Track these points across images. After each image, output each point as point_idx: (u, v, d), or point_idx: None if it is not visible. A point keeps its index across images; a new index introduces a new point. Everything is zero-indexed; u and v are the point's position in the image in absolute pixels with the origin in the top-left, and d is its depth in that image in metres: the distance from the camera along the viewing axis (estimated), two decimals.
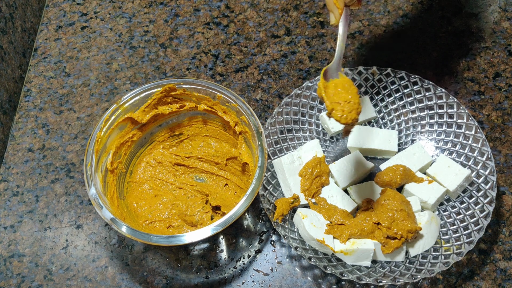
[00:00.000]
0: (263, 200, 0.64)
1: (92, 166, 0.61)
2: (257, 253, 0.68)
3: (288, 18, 0.87)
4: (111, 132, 0.65)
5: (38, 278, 0.67)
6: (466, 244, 0.61)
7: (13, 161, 0.75)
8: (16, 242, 0.69)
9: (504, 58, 0.81)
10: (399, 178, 0.67)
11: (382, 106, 0.75)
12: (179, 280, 0.66)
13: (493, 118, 0.76)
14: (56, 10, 0.90)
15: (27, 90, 0.82)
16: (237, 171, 0.71)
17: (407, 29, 0.85)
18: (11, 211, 0.71)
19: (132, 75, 0.82)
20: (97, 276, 0.67)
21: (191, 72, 0.83)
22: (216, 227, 0.56)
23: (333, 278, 0.65)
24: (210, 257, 0.67)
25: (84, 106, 0.80)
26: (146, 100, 0.67)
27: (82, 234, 0.70)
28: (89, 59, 0.84)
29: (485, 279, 0.65)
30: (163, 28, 0.87)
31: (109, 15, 0.89)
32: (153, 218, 0.68)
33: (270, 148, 0.70)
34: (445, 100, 0.71)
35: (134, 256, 0.68)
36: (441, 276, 0.65)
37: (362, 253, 0.62)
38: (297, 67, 0.82)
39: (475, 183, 0.66)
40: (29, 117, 0.79)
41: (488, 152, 0.66)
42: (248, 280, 0.66)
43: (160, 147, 0.73)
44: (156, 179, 0.72)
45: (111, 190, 0.64)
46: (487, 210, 0.63)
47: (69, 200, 0.72)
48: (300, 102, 0.73)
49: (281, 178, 0.69)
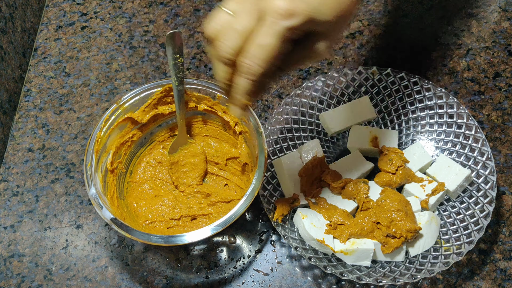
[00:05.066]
0: (263, 200, 0.64)
1: (92, 166, 0.61)
2: (257, 253, 0.68)
3: None
4: (111, 132, 0.65)
5: (38, 278, 0.67)
6: (466, 244, 0.61)
7: (13, 161, 0.75)
8: (16, 242, 0.69)
9: (504, 58, 0.81)
10: (399, 178, 0.67)
11: (382, 106, 0.75)
12: (179, 280, 0.66)
13: (493, 118, 0.76)
14: (56, 10, 0.90)
15: (27, 90, 0.82)
16: (237, 171, 0.71)
17: (407, 29, 0.85)
18: (11, 211, 0.71)
19: (132, 75, 0.82)
20: (97, 276, 0.67)
21: (191, 72, 0.83)
22: (216, 227, 0.56)
23: (333, 278, 0.65)
24: (210, 257, 0.67)
25: (84, 106, 0.80)
26: (146, 100, 0.67)
27: (82, 234, 0.70)
28: (89, 59, 0.84)
29: (485, 279, 0.65)
30: (163, 28, 0.87)
31: (109, 15, 0.89)
32: (153, 218, 0.68)
33: (270, 148, 0.70)
34: (445, 100, 0.71)
35: (134, 256, 0.68)
36: (441, 276, 0.65)
37: (362, 253, 0.62)
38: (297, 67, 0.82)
39: (475, 183, 0.66)
40: (29, 117, 0.79)
41: (488, 152, 0.66)
42: (248, 280, 0.66)
43: (160, 147, 0.73)
44: (156, 179, 0.72)
45: (111, 190, 0.64)
46: (487, 210, 0.63)
47: (69, 200, 0.72)
48: (300, 102, 0.73)
49: (281, 178, 0.69)
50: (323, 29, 0.46)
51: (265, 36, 0.43)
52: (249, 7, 0.44)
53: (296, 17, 0.43)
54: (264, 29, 0.43)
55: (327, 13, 0.45)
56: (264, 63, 0.44)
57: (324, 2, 0.44)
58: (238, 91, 0.47)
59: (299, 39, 0.46)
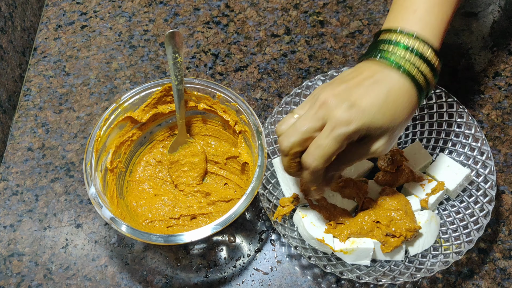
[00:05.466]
0: (263, 199, 0.64)
1: (91, 165, 0.61)
2: (257, 252, 0.68)
3: (288, 17, 0.87)
4: (111, 131, 0.65)
5: (38, 277, 0.67)
6: (465, 243, 0.61)
7: (12, 160, 0.75)
8: (15, 241, 0.69)
9: (504, 57, 0.81)
10: (399, 177, 0.67)
11: None
12: (178, 279, 0.66)
13: (492, 117, 0.76)
14: (56, 9, 0.90)
15: (27, 89, 0.82)
16: (236, 170, 0.71)
17: None
18: (10, 210, 0.71)
19: (131, 74, 0.82)
20: (96, 275, 0.67)
21: (191, 71, 0.83)
22: (215, 226, 0.56)
23: (332, 277, 0.65)
24: (210, 256, 0.67)
25: (83, 105, 0.80)
26: (146, 99, 0.67)
27: (81, 233, 0.70)
28: (89, 58, 0.84)
29: (485, 278, 0.65)
30: (163, 27, 0.87)
31: (108, 14, 0.89)
32: (153, 218, 0.68)
33: (270, 147, 0.70)
34: (444, 99, 0.71)
35: (134, 255, 0.68)
36: (440, 275, 0.65)
37: (362, 252, 0.62)
38: (297, 66, 0.82)
39: (475, 182, 0.66)
40: (28, 116, 0.79)
41: (488, 151, 0.66)
42: (247, 279, 0.66)
43: (160, 146, 0.73)
44: (155, 178, 0.72)
45: (111, 189, 0.64)
46: (486, 209, 0.63)
47: (69, 199, 0.72)
48: (299, 101, 0.73)
49: (281, 177, 0.69)
50: (379, 133, 0.52)
51: (324, 139, 0.50)
52: (312, 113, 0.51)
53: (353, 124, 0.50)
54: (324, 133, 0.50)
55: (383, 120, 0.51)
56: (322, 161, 0.51)
57: (380, 111, 0.50)
58: (304, 181, 0.56)
59: (357, 139, 0.52)
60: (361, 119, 0.50)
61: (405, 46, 0.52)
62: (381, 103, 0.50)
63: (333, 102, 0.50)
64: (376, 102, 0.50)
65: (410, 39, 0.52)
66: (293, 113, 0.54)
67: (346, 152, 0.53)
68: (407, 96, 0.52)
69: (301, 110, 0.54)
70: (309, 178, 0.54)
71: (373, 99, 0.50)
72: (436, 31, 0.54)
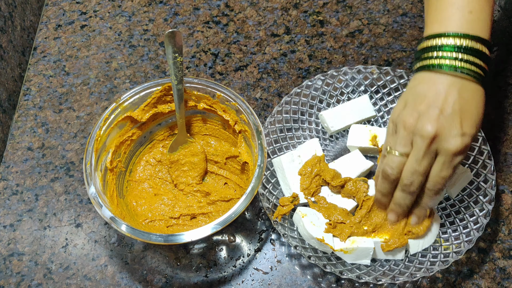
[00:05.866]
0: (263, 199, 0.64)
1: (91, 165, 0.61)
2: (257, 251, 0.68)
3: (288, 17, 0.87)
4: (111, 131, 0.65)
5: (38, 277, 0.67)
6: (465, 243, 0.61)
7: (12, 160, 0.75)
8: (15, 241, 0.69)
9: (504, 57, 0.81)
10: None
11: (381, 105, 0.75)
12: (178, 278, 0.66)
13: (492, 117, 0.76)
14: (56, 9, 0.90)
15: (27, 89, 0.82)
16: (236, 170, 0.71)
17: (407, 28, 0.85)
18: (10, 210, 0.71)
19: (131, 74, 0.82)
20: (96, 275, 0.67)
21: (191, 71, 0.83)
22: (215, 225, 0.56)
23: (332, 276, 0.65)
24: (210, 255, 0.67)
25: (83, 105, 0.80)
26: (146, 99, 0.67)
27: (81, 233, 0.70)
28: (89, 58, 0.84)
29: (485, 277, 0.65)
30: (163, 27, 0.87)
31: (108, 14, 0.89)
32: (152, 217, 0.68)
33: (269, 147, 0.70)
34: None
35: (134, 255, 0.68)
36: (440, 275, 0.65)
37: (362, 251, 0.62)
38: (297, 66, 0.82)
39: (475, 181, 0.66)
40: (28, 116, 0.79)
41: (488, 151, 0.66)
42: (247, 279, 0.66)
43: (159, 146, 0.73)
44: (155, 178, 0.72)
45: (111, 189, 0.64)
46: (486, 209, 0.63)
47: (69, 199, 0.72)
48: (299, 101, 0.73)
49: (281, 177, 0.69)
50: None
51: (445, 170, 0.54)
52: (418, 150, 0.54)
53: (467, 149, 0.53)
54: (443, 165, 0.54)
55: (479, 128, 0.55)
56: (443, 187, 0.56)
57: (479, 125, 0.54)
58: (423, 210, 0.60)
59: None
60: (470, 141, 0.53)
61: (459, 48, 0.53)
62: (478, 120, 0.54)
63: (442, 133, 0.52)
64: (476, 119, 0.54)
65: (467, 40, 0.53)
66: (391, 150, 0.56)
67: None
68: (482, 98, 0.55)
69: (400, 147, 0.55)
70: (431, 204, 0.58)
71: (472, 120, 0.53)
72: (486, 27, 0.55)
